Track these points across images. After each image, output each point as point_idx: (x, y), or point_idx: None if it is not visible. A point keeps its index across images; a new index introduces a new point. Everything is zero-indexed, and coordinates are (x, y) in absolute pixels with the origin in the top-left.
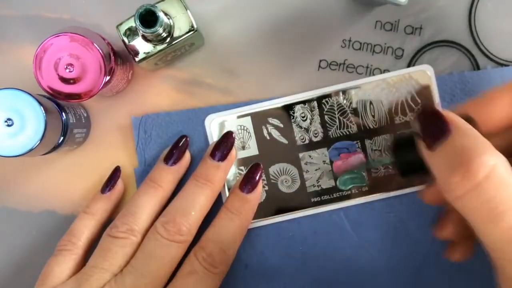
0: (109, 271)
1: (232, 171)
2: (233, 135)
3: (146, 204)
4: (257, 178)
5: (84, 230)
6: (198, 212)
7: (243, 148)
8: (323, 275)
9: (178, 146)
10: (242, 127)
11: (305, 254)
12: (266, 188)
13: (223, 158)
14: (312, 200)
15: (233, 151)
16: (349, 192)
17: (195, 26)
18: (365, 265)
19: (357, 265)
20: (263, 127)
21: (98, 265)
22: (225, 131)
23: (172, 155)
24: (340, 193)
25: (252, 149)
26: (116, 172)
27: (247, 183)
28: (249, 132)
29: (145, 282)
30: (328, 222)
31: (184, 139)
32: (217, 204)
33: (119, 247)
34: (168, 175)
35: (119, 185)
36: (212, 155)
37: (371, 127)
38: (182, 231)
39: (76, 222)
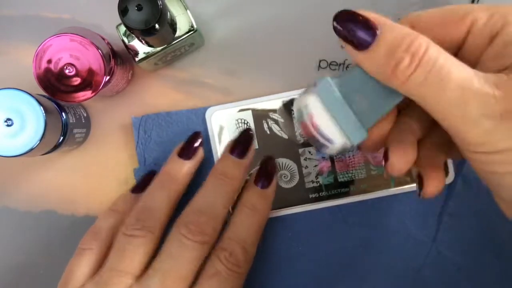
0: (128, 273)
1: None
2: (251, 131)
3: (162, 198)
4: (272, 171)
5: (108, 228)
6: (220, 210)
7: None
8: (322, 274)
9: (193, 140)
10: (243, 121)
11: (304, 254)
12: None
13: (243, 154)
14: (311, 196)
15: (252, 147)
16: (348, 189)
17: (195, 26)
18: (364, 264)
19: (357, 264)
20: (263, 121)
21: (116, 267)
22: (226, 125)
23: (187, 149)
24: (339, 190)
25: None
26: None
27: (262, 177)
28: (249, 127)
29: (169, 284)
30: (327, 220)
31: (198, 134)
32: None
33: (137, 246)
34: (183, 169)
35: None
36: (232, 151)
37: None
38: (206, 231)
39: (100, 220)
